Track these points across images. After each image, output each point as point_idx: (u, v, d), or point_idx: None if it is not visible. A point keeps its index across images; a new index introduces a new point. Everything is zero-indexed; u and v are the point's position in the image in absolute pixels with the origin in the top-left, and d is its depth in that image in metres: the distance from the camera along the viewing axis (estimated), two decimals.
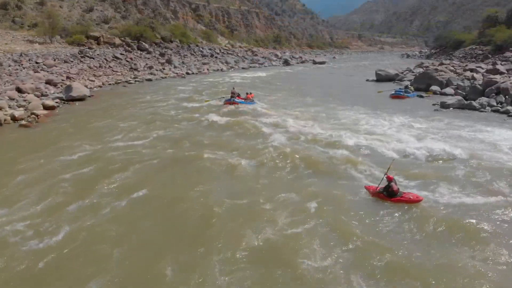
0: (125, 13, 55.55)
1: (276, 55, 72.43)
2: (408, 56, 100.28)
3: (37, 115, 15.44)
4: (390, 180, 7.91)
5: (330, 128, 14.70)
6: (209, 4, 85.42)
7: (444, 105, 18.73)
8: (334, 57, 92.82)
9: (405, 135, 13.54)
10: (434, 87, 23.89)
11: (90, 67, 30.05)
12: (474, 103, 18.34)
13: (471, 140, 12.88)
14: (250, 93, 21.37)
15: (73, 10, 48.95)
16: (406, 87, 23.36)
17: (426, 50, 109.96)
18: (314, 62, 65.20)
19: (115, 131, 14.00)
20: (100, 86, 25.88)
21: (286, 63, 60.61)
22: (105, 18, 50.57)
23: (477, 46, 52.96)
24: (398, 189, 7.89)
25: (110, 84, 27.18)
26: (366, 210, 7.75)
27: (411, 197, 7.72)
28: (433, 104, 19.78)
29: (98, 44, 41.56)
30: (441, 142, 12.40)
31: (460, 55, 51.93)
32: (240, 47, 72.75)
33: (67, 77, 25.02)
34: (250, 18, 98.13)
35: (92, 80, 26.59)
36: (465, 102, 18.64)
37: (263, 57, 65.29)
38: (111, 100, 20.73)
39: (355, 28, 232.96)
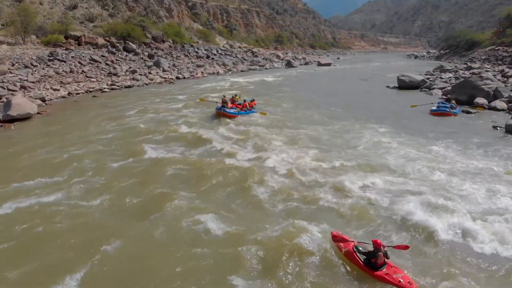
0: (113, 11, 50.74)
1: (278, 56, 67.48)
2: (416, 57, 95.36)
3: None
4: (377, 247, 5.53)
5: (343, 164, 10.30)
6: (207, 2, 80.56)
7: (510, 129, 13.82)
8: (338, 58, 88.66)
9: (459, 180, 9.08)
10: (480, 100, 18.93)
11: (57, 73, 25.02)
12: None
13: None
14: (252, 100, 18.02)
15: (54, 7, 44.08)
16: (448, 100, 18.27)
17: (435, 51, 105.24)
18: (319, 64, 60.27)
19: (44, 172, 9.30)
20: (64, 97, 20.97)
21: (289, 64, 55.72)
22: (90, 16, 45.79)
23: (499, 47, 48.07)
24: (384, 261, 5.57)
25: (78, 93, 22.20)
26: None
27: (401, 279, 5.21)
28: (493, 127, 14.82)
29: (79, 44, 36.80)
30: None
31: (483, 57, 46.89)
32: (239, 47, 67.82)
33: (22, 87, 20.13)
34: (250, 17, 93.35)
35: (56, 89, 21.68)
36: None
37: (264, 59, 60.24)
38: (65, 118, 15.82)
39: (356, 28, 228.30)
